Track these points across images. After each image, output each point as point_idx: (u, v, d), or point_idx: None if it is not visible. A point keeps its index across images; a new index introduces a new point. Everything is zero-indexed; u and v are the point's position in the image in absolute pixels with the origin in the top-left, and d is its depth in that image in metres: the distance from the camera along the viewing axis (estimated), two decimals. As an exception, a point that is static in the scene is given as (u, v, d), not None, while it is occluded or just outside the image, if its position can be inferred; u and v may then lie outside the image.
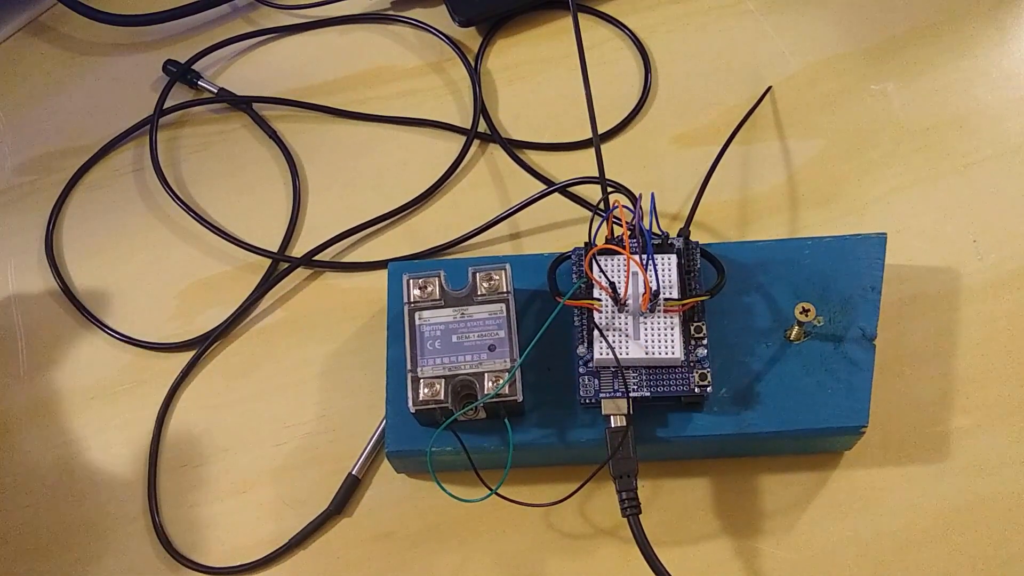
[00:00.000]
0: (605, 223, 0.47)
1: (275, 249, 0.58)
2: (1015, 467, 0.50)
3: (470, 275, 0.47)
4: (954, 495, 0.49)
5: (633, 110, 0.61)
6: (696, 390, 0.45)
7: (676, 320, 0.45)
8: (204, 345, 0.55)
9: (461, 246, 0.57)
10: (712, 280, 0.47)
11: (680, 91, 0.61)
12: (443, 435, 0.45)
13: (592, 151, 0.51)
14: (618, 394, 0.45)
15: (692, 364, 0.46)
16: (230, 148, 0.62)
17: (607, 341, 0.45)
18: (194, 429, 0.54)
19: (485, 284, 0.47)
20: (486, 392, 0.45)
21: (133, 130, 0.62)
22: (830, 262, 0.49)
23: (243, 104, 0.63)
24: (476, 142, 0.61)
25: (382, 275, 0.52)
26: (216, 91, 0.63)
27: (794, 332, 0.48)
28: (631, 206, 0.47)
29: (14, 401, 0.55)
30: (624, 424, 0.45)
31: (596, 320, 0.46)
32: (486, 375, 0.45)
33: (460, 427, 0.46)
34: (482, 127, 0.61)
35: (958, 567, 0.48)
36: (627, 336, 0.45)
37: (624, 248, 0.45)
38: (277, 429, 0.53)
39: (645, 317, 0.45)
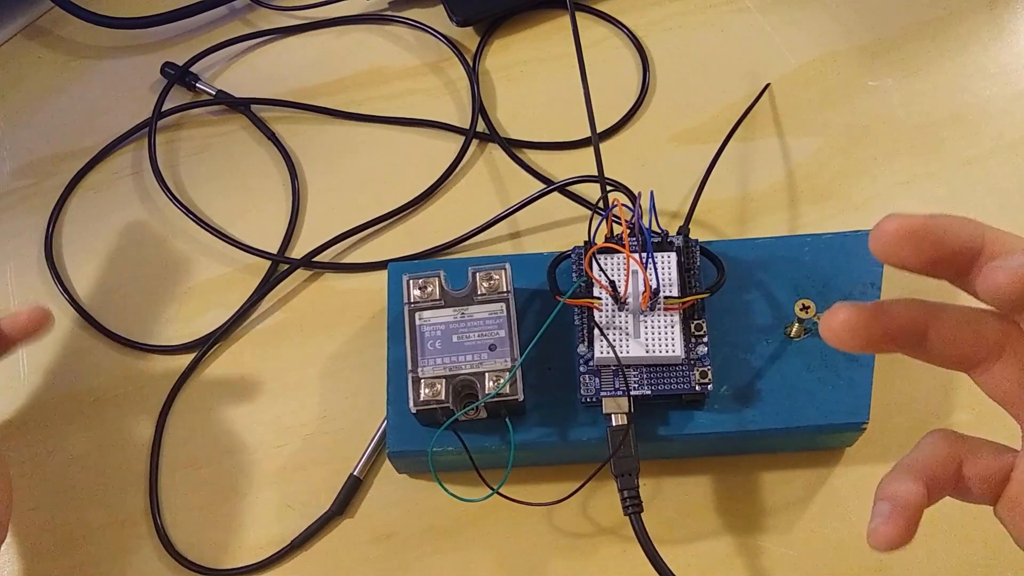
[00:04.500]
0: (605, 222, 0.47)
1: (275, 251, 0.58)
2: (1017, 462, 0.49)
3: (470, 275, 0.47)
4: (956, 491, 0.49)
5: (631, 108, 0.61)
6: (697, 388, 0.45)
7: (676, 318, 0.45)
8: (204, 347, 0.55)
9: (461, 246, 0.57)
10: (712, 278, 0.47)
11: (678, 89, 0.61)
12: (444, 435, 0.45)
13: (591, 150, 0.51)
14: (619, 392, 0.45)
15: (693, 362, 0.46)
16: (229, 150, 0.62)
17: (607, 340, 0.45)
18: (195, 431, 0.54)
19: (485, 284, 0.47)
20: (487, 392, 0.45)
21: (132, 133, 0.62)
22: (830, 259, 0.49)
23: (241, 106, 0.63)
24: (475, 142, 0.61)
25: (382, 276, 0.52)
26: (214, 93, 0.63)
27: (794, 329, 0.48)
28: (630, 204, 0.47)
29: (14, 404, 0.55)
30: (625, 422, 0.45)
31: (596, 319, 0.45)
32: (487, 375, 0.45)
33: (461, 427, 0.46)
34: (481, 127, 0.61)
35: (960, 563, 0.48)
36: (627, 334, 0.45)
37: (624, 246, 0.45)
38: (278, 430, 0.53)
39: (645, 315, 0.45)
